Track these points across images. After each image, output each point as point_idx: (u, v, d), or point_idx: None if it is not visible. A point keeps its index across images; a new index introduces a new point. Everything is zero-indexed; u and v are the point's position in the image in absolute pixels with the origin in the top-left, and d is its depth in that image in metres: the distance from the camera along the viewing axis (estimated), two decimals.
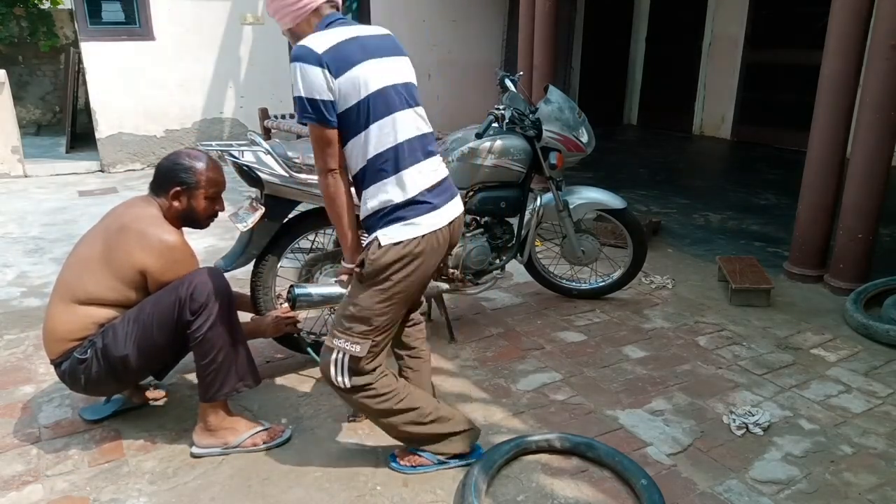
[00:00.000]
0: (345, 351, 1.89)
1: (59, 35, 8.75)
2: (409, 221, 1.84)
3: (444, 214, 1.92)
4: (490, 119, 2.84)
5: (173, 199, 2.18)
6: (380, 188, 1.84)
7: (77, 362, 2.10)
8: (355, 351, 1.89)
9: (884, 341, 2.93)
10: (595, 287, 3.47)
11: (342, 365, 1.91)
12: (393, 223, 1.84)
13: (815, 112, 3.49)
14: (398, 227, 1.84)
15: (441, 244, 1.92)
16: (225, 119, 7.12)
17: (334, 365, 1.91)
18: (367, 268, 1.84)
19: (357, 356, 1.89)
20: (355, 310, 1.88)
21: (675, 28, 8.85)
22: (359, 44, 1.84)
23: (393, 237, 1.83)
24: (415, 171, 1.87)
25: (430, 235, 1.87)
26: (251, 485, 2.05)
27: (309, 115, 1.79)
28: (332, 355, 1.92)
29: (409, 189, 1.85)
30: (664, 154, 7.62)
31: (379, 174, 1.84)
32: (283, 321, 2.47)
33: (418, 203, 1.86)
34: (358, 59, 1.80)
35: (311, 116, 1.79)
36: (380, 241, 1.83)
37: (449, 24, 7.99)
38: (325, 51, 1.77)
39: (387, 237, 1.83)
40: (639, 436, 2.29)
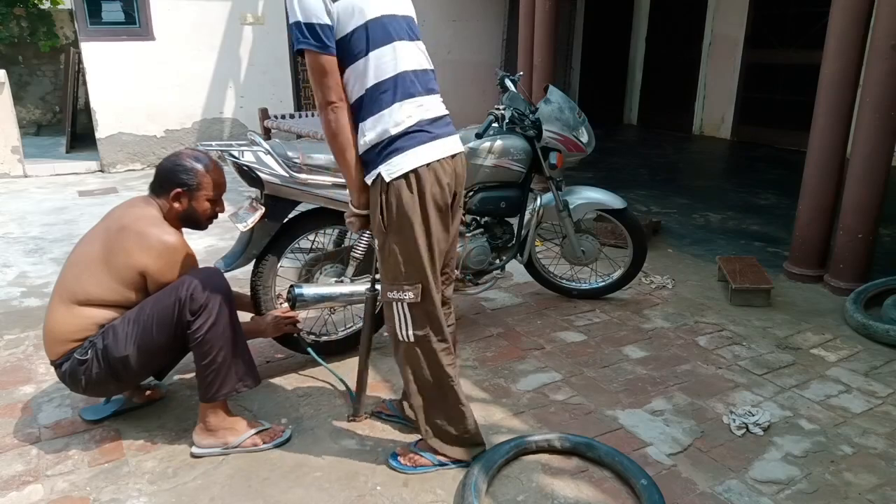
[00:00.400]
0: (400, 300, 1.89)
1: (59, 35, 8.76)
2: (408, 151, 1.79)
3: (446, 145, 1.87)
4: (490, 119, 2.84)
5: (174, 201, 2.18)
6: (378, 119, 1.80)
7: (77, 363, 2.10)
8: (409, 297, 1.88)
9: (884, 341, 2.93)
10: (595, 287, 3.47)
11: (403, 316, 1.91)
12: (392, 155, 1.79)
13: (815, 112, 3.49)
14: (398, 159, 1.79)
15: (448, 174, 1.87)
16: (225, 119, 7.12)
17: (397, 319, 1.92)
18: (384, 212, 1.81)
19: (413, 302, 1.88)
20: (391, 260, 1.86)
21: (675, 28, 8.86)
22: None
23: (395, 170, 1.79)
24: (414, 103, 1.83)
25: (433, 164, 1.82)
26: (251, 485, 2.05)
27: (306, 40, 1.74)
28: (392, 310, 1.92)
29: (408, 119, 1.80)
30: (664, 154, 7.62)
31: (377, 104, 1.80)
32: (282, 321, 2.48)
33: (417, 132, 1.81)
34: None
35: (308, 42, 1.74)
36: (383, 177, 1.79)
37: (449, 24, 8.00)
38: None
39: (389, 171, 1.79)
40: (639, 436, 2.29)
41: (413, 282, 1.88)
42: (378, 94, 1.80)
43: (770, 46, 7.68)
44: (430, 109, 1.89)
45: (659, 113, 9.23)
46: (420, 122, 1.84)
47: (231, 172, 2.44)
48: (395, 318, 1.93)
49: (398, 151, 1.80)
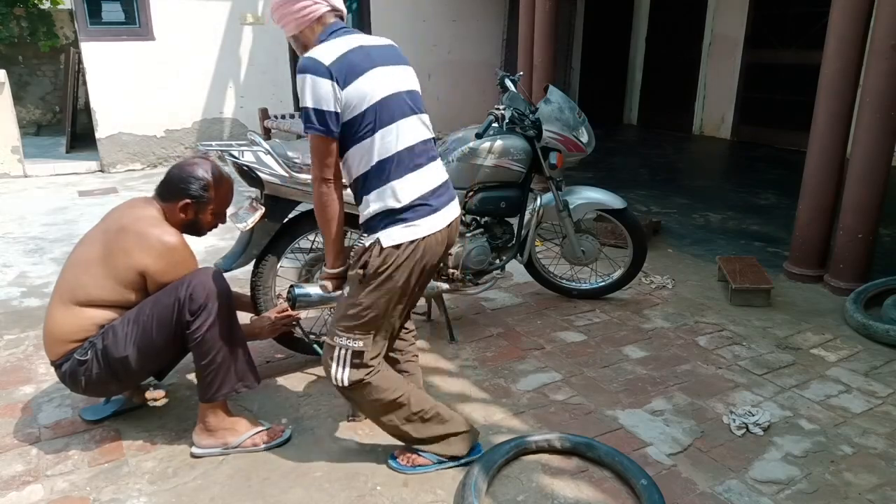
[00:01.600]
0: (347, 348, 1.93)
1: (59, 35, 8.76)
2: (410, 224, 1.88)
3: (443, 216, 1.96)
4: (490, 119, 2.84)
5: (181, 211, 2.19)
6: (382, 192, 1.88)
7: (77, 364, 2.10)
8: (358, 347, 1.92)
9: (884, 341, 2.93)
10: (595, 287, 3.47)
11: (344, 360, 1.94)
12: (394, 225, 1.88)
13: (815, 112, 3.49)
14: (399, 229, 1.87)
15: (440, 244, 1.96)
16: (225, 119, 7.12)
17: (336, 361, 1.95)
18: (370, 269, 1.87)
19: (360, 351, 1.93)
20: (356, 309, 1.91)
21: (675, 28, 8.86)
22: (364, 53, 1.88)
23: (394, 239, 1.87)
24: (417, 176, 1.91)
25: (429, 237, 1.91)
26: (251, 485, 2.05)
27: (315, 126, 1.83)
28: (333, 352, 1.95)
29: (411, 193, 1.89)
30: (664, 154, 7.62)
31: (382, 179, 1.88)
32: (279, 321, 2.46)
33: (419, 206, 1.90)
34: (364, 68, 1.85)
35: (317, 128, 1.83)
36: (381, 242, 1.86)
37: (449, 24, 7.99)
38: (333, 62, 1.81)
39: (389, 239, 1.87)
40: (639, 436, 2.29)
41: (366, 333, 1.93)
42: (382, 169, 1.88)
43: (770, 46, 7.68)
44: (432, 180, 1.96)
45: (659, 113, 9.22)
46: (422, 195, 1.91)
47: (231, 173, 2.44)
48: (333, 361, 1.96)
49: (399, 223, 1.88)
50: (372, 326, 1.93)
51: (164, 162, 6.92)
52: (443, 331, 3.04)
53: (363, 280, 1.89)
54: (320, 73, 1.79)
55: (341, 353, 1.94)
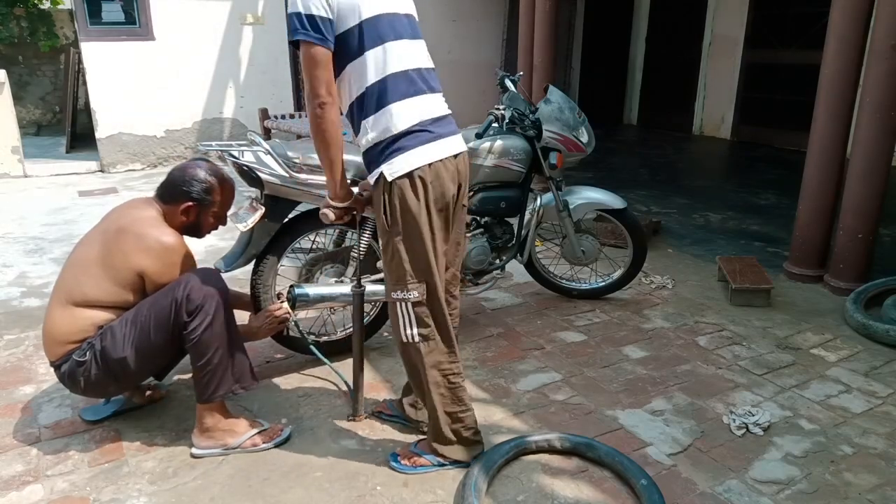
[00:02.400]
0: (404, 300, 1.88)
1: (59, 35, 8.76)
2: (411, 151, 1.80)
3: (448, 145, 1.87)
4: (490, 119, 2.84)
5: (183, 213, 2.18)
6: (379, 117, 1.80)
7: (76, 364, 2.10)
8: (413, 297, 1.88)
9: (884, 341, 2.93)
10: (595, 287, 3.47)
11: (408, 315, 1.91)
12: (395, 154, 1.79)
13: (815, 112, 3.49)
14: (401, 158, 1.79)
15: (450, 174, 1.87)
16: (225, 119, 7.12)
17: (401, 319, 1.91)
18: (386, 210, 1.81)
19: (418, 300, 1.89)
20: (395, 260, 1.86)
21: (675, 28, 8.86)
22: None
23: (397, 169, 1.79)
24: (416, 101, 1.82)
25: (436, 164, 1.82)
26: (251, 485, 2.05)
27: (305, 31, 1.73)
28: (396, 309, 1.92)
29: (410, 118, 1.80)
30: (664, 154, 7.62)
31: (378, 102, 1.79)
32: (275, 320, 2.45)
33: (420, 132, 1.81)
34: None
35: (307, 33, 1.73)
36: (385, 176, 1.79)
37: (449, 24, 7.99)
38: None
39: (391, 170, 1.79)
40: (639, 436, 2.29)
41: (417, 281, 1.88)
42: (379, 92, 1.80)
43: (770, 46, 7.68)
44: (433, 108, 1.89)
45: (659, 113, 9.23)
46: (422, 121, 1.84)
47: (231, 172, 2.44)
48: (399, 318, 1.93)
49: (400, 151, 1.80)
50: (417, 271, 1.86)
51: (164, 162, 6.92)
52: None
53: (387, 224, 1.84)
54: None
55: (402, 309, 1.90)
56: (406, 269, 1.87)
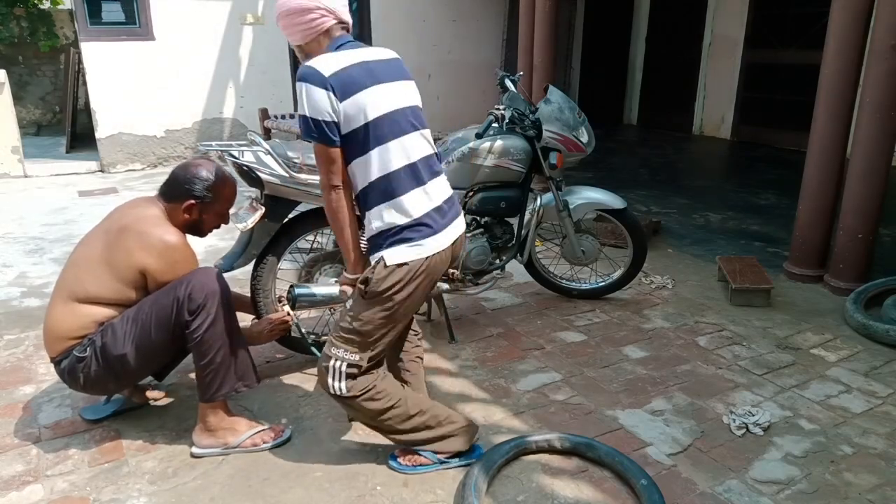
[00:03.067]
0: (343, 360, 1.92)
1: (59, 35, 8.76)
2: (414, 243, 1.87)
3: (448, 235, 1.95)
4: (490, 119, 2.84)
5: (185, 212, 2.19)
6: (384, 209, 1.87)
7: (76, 361, 2.10)
8: (354, 360, 1.92)
9: (884, 341, 2.93)
10: (595, 287, 3.47)
11: (339, 372, 1.93)
12: (398, 244, 1.86)
13: (815, 112, 3.49)
14: (404, 249, 1.86)
15: (444, 262, 1.96)
16: (225, 119, 7.12)
17: (331, 372, 1.94)
18: (372, 286, 1.86)
19: (356, 364, 1.92)
20: (357, 324, 1.90)
21: (675, 28, 8.86)
22: (366, 68, 1.87)
23: (398, 258, 1.86)
24: (420, 193, 1.89)
25: (433, 256, 1.90)
26: (251, 485, 2.05)
27: (313, 134, 1.83)
28: (329, 362, 1.94)
29: (414, 211, 1.87)
30: (664, 154, 7.62)
31: (383, 196, 1.87)
32: (277, 327, 2.46)
33: (423, 225, 1.88)
34: (364, 83, 1.83)
35: (315, 136, 1.83)
36: (385, 261, 1.85)
37: (449, 23, 7.99)
38: (332, 74, 1.80)
39: (392, 258, 1.86)
40: (639, 436, 2.29)
41: (364, 348, 1.92)
42: (383, 186, 1.87)
43: (770, 46, 7.68)
44: (436, 195, 1.95)
45: (659, 113, 9.23)
46: (427, 213, 1.90)
47: (231, 172, 2.44)
48: (329, 371, 1.94)
49: (404, 242, 1.87)
50: (369, 341, 1.91)
51: (164, 162, 6.92)
52: (443, 331, 3.04)
53: (364, 295, 1.88)
54: (317, 83, 1.79)
55: (337, 365, 1.93)
56: (358, 338, 1.91)
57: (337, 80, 1.80)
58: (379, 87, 1.86)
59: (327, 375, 1.94)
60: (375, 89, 1.85)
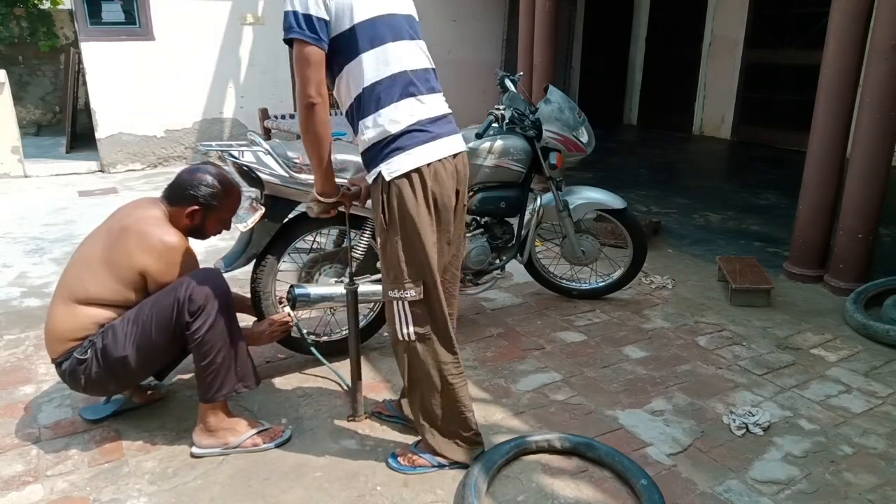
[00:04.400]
0: (401, 298, 1.88)
1: (59, 35, 8.76)
2: (409, 151, 1.79)
3: (447, 144, 1.87)
4: (490, 119, 2.84)
5: (189, 217, 2.19)
6: (377, 117, 1.80)
7: (77, 362, 2.10)
8: (410, 296, 1.87)
9: (884, 341, 2.93)
10: (595, 287, 3.47)
11: (404, 314, 1.90)
12: (393, 154, 1.79)
13: (815, 112, 3.49)
14: (399, 158, 1.79)
15: (449, 175, 1.87)
16: (225, 119, 7.12)
17: (398, 317, 1.91)
18: (386, 212, 1.81)
19: (415, 299, 1.88)
20: (393, 259, 1.86)
21: (675, 28, 8.86)
22: None
23: (396, 169, 1.79)
24: (414, 101, 1.82)
25: (435, 163, 1.82)
26: (251, 485, 2.05)
27: (301, 30, 1.72)
28: (393, 308, 1.91)
29: (409, 117, 1.80)
30: (664, 154, 7.62)
31: (376, 102, 1.79)
32: (277, 329, 2.46)
33: (418, 131, 1.80)
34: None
35: (302, 32, 1.72)
36: (384, 176, 1.79)
37: (449, 24, 7.99)
38: None
39: (389, 170, 1.79)
40: (639, 436, 2.29)
41: (415, 280, 1.87)
42: (376, 92, 1.80)
43: (770, 46, 7.68)
44: (432, 108, 1.88)
45: (659, 113, 9.22)
46: (421, 120, 1.83)
47: (231, 172, 2.44)
48: (395, 317, 1.93)
49: (399, 151, 1.79)
50: (413, 269, 1.85)
51: (164, 162, 6.92)
52: None
53: (385, 223, 1.84)
54: None
55: (399, 307, 1.89)
56: (403, 268, 1.86)
57: None
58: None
59: (395, 323, 1.91)
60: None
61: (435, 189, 1.84)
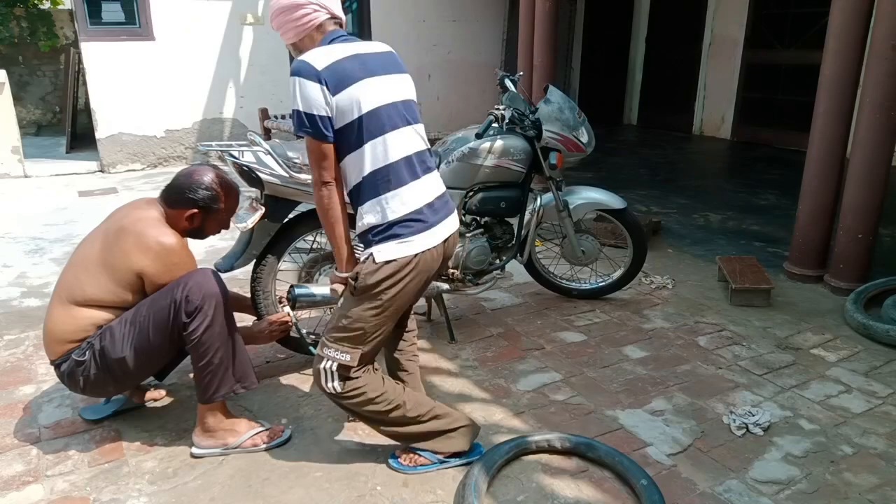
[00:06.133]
0: (334, 360, 1.92)
1: (59, 35, 8.76)
2: (404, 239, 1.85)
3: (440, 232, 1.93)
4: (490, 119, 2.84)
5: (187, 219, 2.19)
6: (376, 204, 1.86)
7: (75, 364, 2.10)
8: (345, 360, 1.91)
9: (884, 341, 2.93)
10: (595, 287, 3.47)
11: (331, 373, 1.93)
12: (388, 240, 1.85)
13: (815, 112, 3.49)
14: (393, 245, 1.85)
15: (435, 259, 1.94)
16: (225, 119, 7.12)
17: (324, 373, 1.94)
18: (361, 282, 1.85)
19: (347, 365, 1.92)
20: (346, 322, 1.90)
21: (675, 28, 8.86)
22: (359, 61, 1.85)
23: (388, 255, 1.84)
24: (412, 189, 1.88)
25: (424, 253, 1.88)
26: (251, 485, 2.05)
27: (306, 129, 1.81)
28: (321, 364, 1.94)
29: (406, 206, 1.86)
30: (664, 154, 7.62)
31: (375, 191, 1.86)
32: (277, 328, 2.46)
33: (414, 221, 1.87)
34: (357, 76, 1.82)
35: (308, 131, 1.81)
36: (374, 257, 1.85)
37: (449, 24, 7.99)
38: (325, 67, 1.79)
39: (382, 254, 1.84)
40: (639, 436, 2.29)
41: (355, 346, 1.91)
42: (376, 180, 1.85)
43: (770, 46, 7.68)
44: (429, 192, 1.93)
45: (659, 113, 9.22)
46: (418, 209, 1.88)
47: (231, 173, 2.44)
48: (322, 374, 1.95)
49: (394, 238, 1.85)
50: (360, 340, 1.91)
51: (164, 162, 6.92)
52: (443, 331, 3.04)
53: (354, 292, 1.88)
54: (310, 77, 1.78)
55: (328, 366, 1.93)
56: (349, 334, 1.90)
57: (330, 73, 1.78)
58: (372, 80, 1.85)
59: (320, 375, 1.95)
60: (369, 82, 1.84)
61: (418, 277, 1.90)
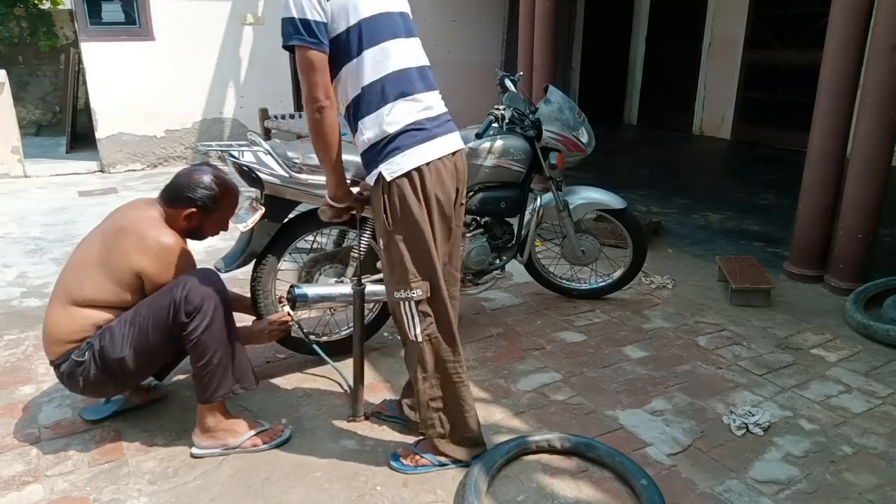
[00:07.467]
0: (408, 299, 1.87)
1: (59, 35, 8.75)
2: (409, 150, 1.79)
3: (446, 142, 1.86)
4: (490, 119, 2.84)
5: (186, 219, 2.18)
6: (376, 117, 1.80)
7: (75, 364, 2.10)
8: (417, 295, 1.87)
9: (884, 341, 2.93)
10: (595, 287, 3.47)
11: (412, 315, 1.89)
12: (392, 154, 1.78)
13: (815, 112, 3.49)
14: (398, 158, 1.78)
15: (450, 173, 1.86)
16: (225, 119, 7.12)
17: (406, 318, 1.91)
18: (388, 213, 1.80)
19: (420, 299, 1.87)
20: (396, 258, 1.85)
21: (674, 28, 8.86)
22: None
23: (396, 169, 1.78)
24: (413, 100, 1.82)
25: (435, 162, 1.81)
26: (251, 485, 2.05)
27: (300, 36, 1.73)
28: (400, 310, 1.91)
29: (407, 116, 1.79)
30: (664, 154, 7.62)
31: (374, 103, 1.79)
32: (277, 327, 2.46)
33: (416, 130, 1.80)
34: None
35: (302, 38, 1.73)
36: (384, 176, 1.79)
37: (449, 24, 7.99)
38: None
39: (390, 170, 1.79)
40: (639, 436, 2.29)
41: (420, 279, 1.87)
42: (374, 92, 1.79)
43: (770, 46, 7.68)
44: (430, 107, 1.88)
45: (659, 113, 9.22)
46: (419, 119, 1.83)
47: (231, 173, 2.44)
48: (403, 319, 1.93)
49: (398, 150, 1.79)
50: (419, 269, 1.85)
51: (164, 162, 6.92)
52: None
53: (388, 224, 1.83)
54: None
55: (406, 308, 1.89)
56: (408, 268, 1.86)
57: None
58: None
59: (404, 324, 1.91)
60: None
61: (436, 187, 1.84)
